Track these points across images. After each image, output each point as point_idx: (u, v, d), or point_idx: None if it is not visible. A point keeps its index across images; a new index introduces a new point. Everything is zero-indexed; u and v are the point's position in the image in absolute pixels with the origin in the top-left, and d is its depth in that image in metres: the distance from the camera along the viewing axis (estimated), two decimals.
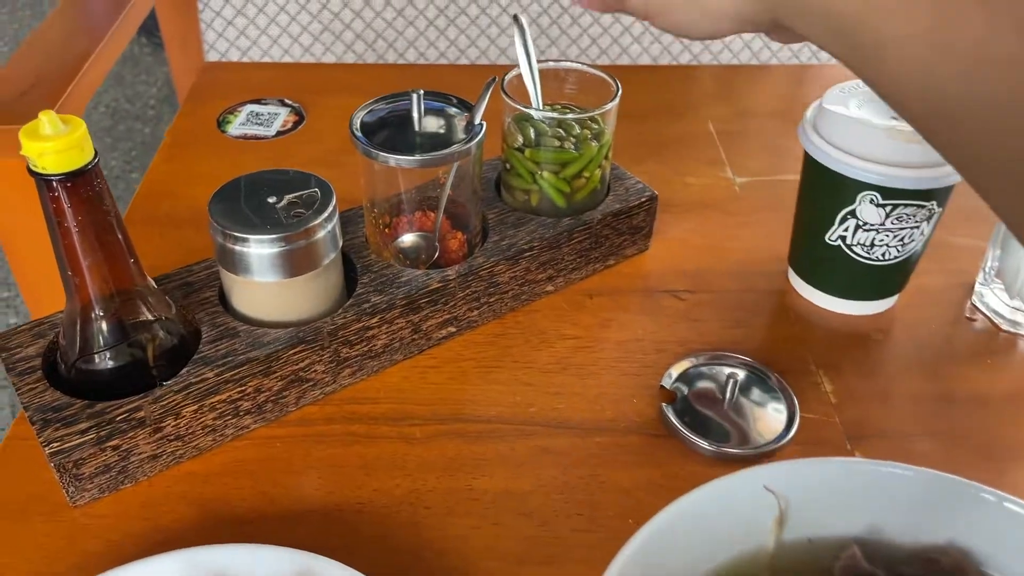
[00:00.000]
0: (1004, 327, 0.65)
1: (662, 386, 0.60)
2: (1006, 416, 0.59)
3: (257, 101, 0.89)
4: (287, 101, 0.89)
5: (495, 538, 0.51)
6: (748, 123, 0.91)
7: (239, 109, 0.87)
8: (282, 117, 0.86)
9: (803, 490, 0.40)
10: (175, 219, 0.74)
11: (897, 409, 0.59)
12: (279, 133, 0.84)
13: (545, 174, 0.65)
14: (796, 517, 0.40)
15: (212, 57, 1.01)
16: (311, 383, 0.57)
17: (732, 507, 0.39)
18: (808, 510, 0.40)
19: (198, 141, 0.85)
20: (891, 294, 0.66)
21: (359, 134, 0.58)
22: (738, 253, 0.72)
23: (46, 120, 0.44)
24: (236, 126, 0.85)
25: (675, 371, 0.60)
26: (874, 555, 0.39)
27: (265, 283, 0.54)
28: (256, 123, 0.85)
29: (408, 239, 0.64)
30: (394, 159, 0.57)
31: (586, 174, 0.65)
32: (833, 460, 0.41)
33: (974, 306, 0.67)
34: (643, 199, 0.68)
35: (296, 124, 0.86)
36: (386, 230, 0.63)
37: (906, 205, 0.59)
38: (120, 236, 0.51)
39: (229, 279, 0.56)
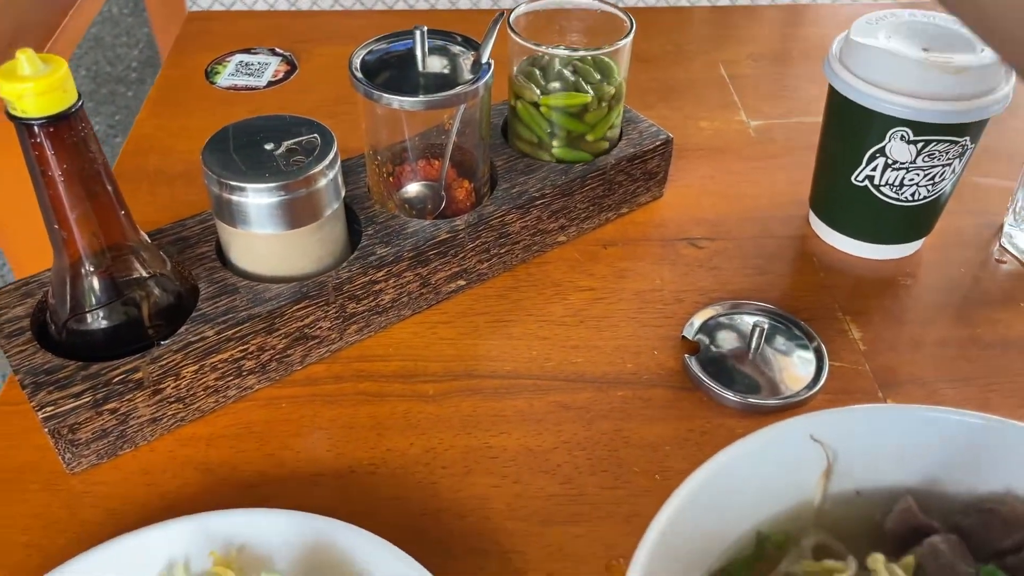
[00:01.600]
0: None
1: (684, 337, 0.57)
2: None
3: (246, 51, 0.84)
4: (277, 50, 0.85)
5: (517, 497, 0.48)
6: (757, 65, 0.87)
7: (227, 59, 0.83)
8: (273, 67, 0.82)
9: (851, 440, 0.37)
10: (165, 174, 0.71)
11: (928, 355, 0.57)
12: (271, 83, 0.80)
13: (555, 144, 0.62)
14: (843, 468, 0.38)
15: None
16: (317, 340, 0.54)
17: (776, 459, 0.37)
18: (856, 461, 0.38)
19: (186, 93, 0.81)
20: (919, 237, 0.63)
21: (359, 75, 0.54)
22: (756, 198, 0.70)
23: (24, 59, 0.41)
24: (225, 77, 0.80)
25: (697, 321, 0.58)
26: (929, 506, 0.37)
27: (265, 235, 0.51)
28: (246, 73, 0.81)
29: (413, 188, 0.60)
30: (398, 101, 0.53)
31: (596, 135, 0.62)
32: (882, 407, 0.38)
33: (1003, 248, 0.65)
34: (658, 143, 0.65)
35: (288, 74, 0.82)
36: (390, 179, 0.60)
37: (939, 141, 0.56)
38: (109, 187, 0.47)
39: (227, 232, 0.53)
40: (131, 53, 2.58)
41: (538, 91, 0.61)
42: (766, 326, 0.55)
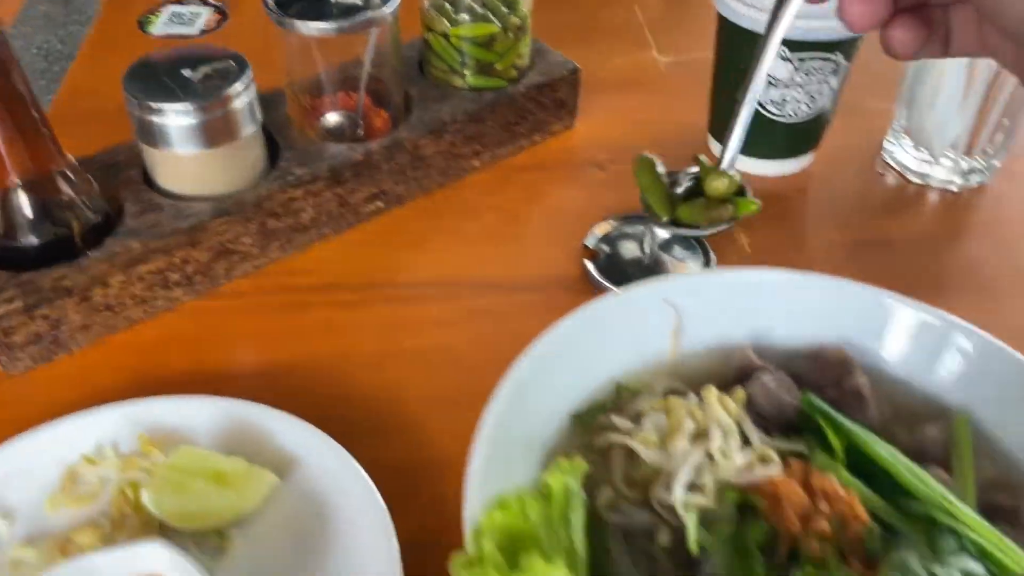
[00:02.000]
0: (913, 179, 0.68)
1: (586, 246, 0.62)
2: (911, 256, 0.62)
3: (178, 1, 0.87)
4: (208, 0, 0.87)
5: (427, 387, 0.53)
6: (678, 5, 0.92)
7: (160, 10, 0.86)
8: (204, 16, 0.85)
9: (700, 301, 0.42)
10: (100, 115, 0.72)
11: (809, 256, 0.62)
12: (203, 32, 0.83)
13: (467, 73, 0.66)
14: (693, 327, 0.42)
15: None
16: (240, 255, 0.58)
17: (631, 318, 0.41)
18: (705, 320, 0.42)
19: (120, 44, 0.83)
20: (805, 152, 0.68)
21: (271, 4, 0.58)
22: (662, 126, 0.74)
23: None
24: (159, 26, 0.83)
25: (599, 231, 0.62)
26: (766, 354, 0.41)
27: (186, 155, 0.55)
28: (179, 23, 0.84)
29: (332, 118, 0.64)
30: (307, 27, 0.57)
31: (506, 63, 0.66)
32: (727, 270, 0.43)
33: (884, 162, 0.70)
34: (565, 72, 0.69)
35: (220, 23, 0.84)
36: (309, 109, 0.63)
37: (813, 58, 0.61)
38: (35, 113, 0.51)
39: (150, 154, 0.56)
40: (82, 31, 2.56)
41: (448, 22, 0.65)
42: (657, 231, 0.60)
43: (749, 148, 0.67)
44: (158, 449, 0.46)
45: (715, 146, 0.70)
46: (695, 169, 0.37)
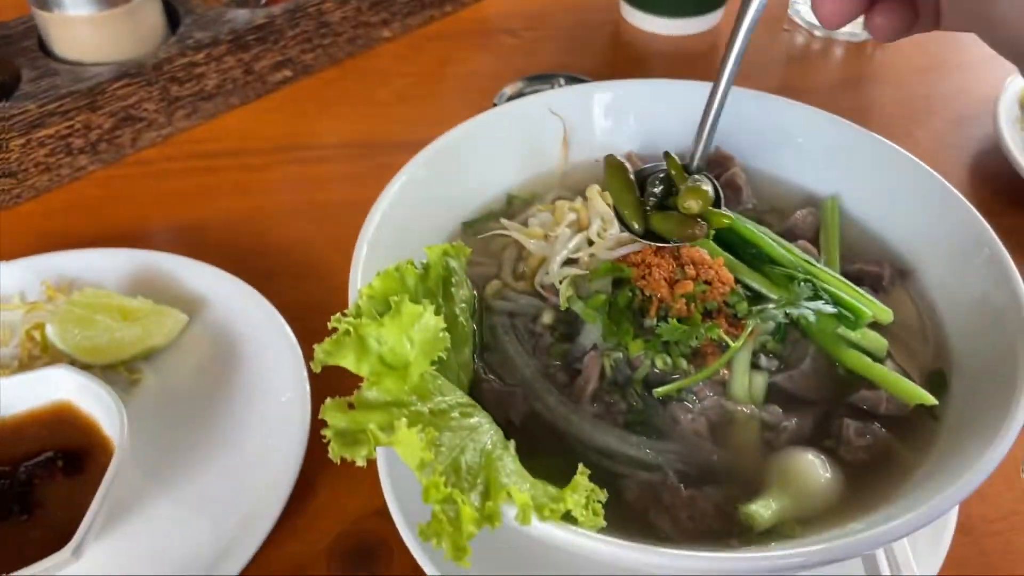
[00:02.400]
0: (818, 34, 0.70)
1: (495, 104, 0.62)
2: (816, 102, 0.63)
3: None
4: None
5: (337, 235, 0.52)
6: None
7: None
8: None
9: (586, 114, 0.43)
10: None
11: None
12: None
13: None
14: (581, 140, 0.43)
15: None
16: (145, 123, 0.57)
17: (520, 130, 0.42)
18: (591, 132, 0.43)
19: None
20: (711, 9, 0.69)
21: None
22: None
23: None
24: None
25: (509, 90, 0.63)
26: (651, 160, 0.42)
27: (79, 17, 0.54)
28: None
29: None
30: None
31: None
32: (607, 83, 0.44)
33: (790, 19, 0.71)
34: None
35: None
36: None
37: None
38: None
39: (44, 20, 0.55)
40: None
41: None
42: (563, 82, 0.60)
43: (656, 6, 0.68)
44: (63, 295, 0.46)
45: (627, 9, 0.71)
46: (664, 167, 0.36)
